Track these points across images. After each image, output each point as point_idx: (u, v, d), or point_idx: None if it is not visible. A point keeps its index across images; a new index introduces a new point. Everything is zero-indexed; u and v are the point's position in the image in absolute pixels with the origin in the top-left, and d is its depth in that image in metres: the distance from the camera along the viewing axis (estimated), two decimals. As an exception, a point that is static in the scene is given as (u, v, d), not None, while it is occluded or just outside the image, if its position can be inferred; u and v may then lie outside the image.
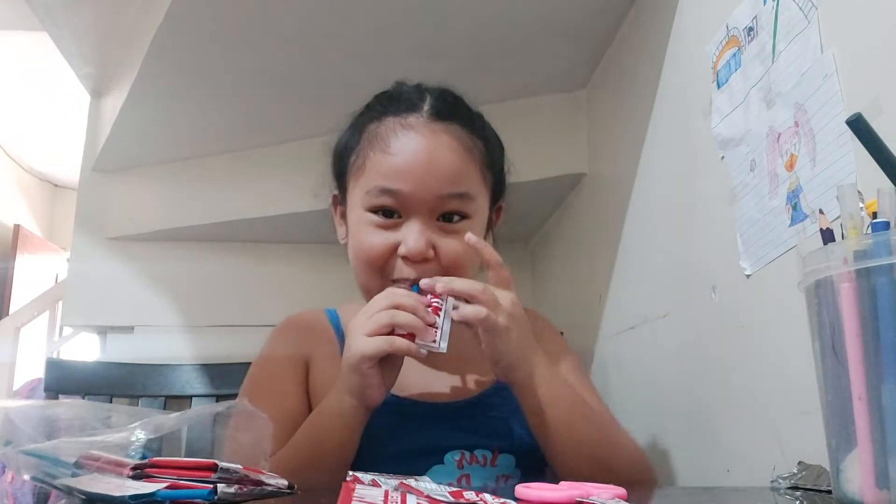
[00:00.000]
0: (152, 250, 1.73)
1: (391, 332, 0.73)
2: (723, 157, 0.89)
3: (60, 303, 3.52)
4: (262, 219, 1.66)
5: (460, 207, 0.85)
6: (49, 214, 5.35)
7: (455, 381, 0.89)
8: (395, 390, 0.80)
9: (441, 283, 0.76)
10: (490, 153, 0.91)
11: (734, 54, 0.87)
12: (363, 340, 0.72)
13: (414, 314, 0.73)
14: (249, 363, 1.60)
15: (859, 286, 0.44)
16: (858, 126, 0.46)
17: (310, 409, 0.88)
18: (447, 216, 0.85)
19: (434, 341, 0.73)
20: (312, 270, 1.78)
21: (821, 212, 0.53)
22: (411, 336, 0.73)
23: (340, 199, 0.95)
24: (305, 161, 1.65)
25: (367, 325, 0.73)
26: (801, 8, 0.73)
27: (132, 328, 1.72)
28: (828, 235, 0.48)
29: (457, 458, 0.85)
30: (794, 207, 0.74)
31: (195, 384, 1.59)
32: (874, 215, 0.46)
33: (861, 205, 0.46)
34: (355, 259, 0.88)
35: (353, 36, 1.31)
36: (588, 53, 1.40)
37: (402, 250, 0.83)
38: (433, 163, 0.84)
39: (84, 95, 1.79)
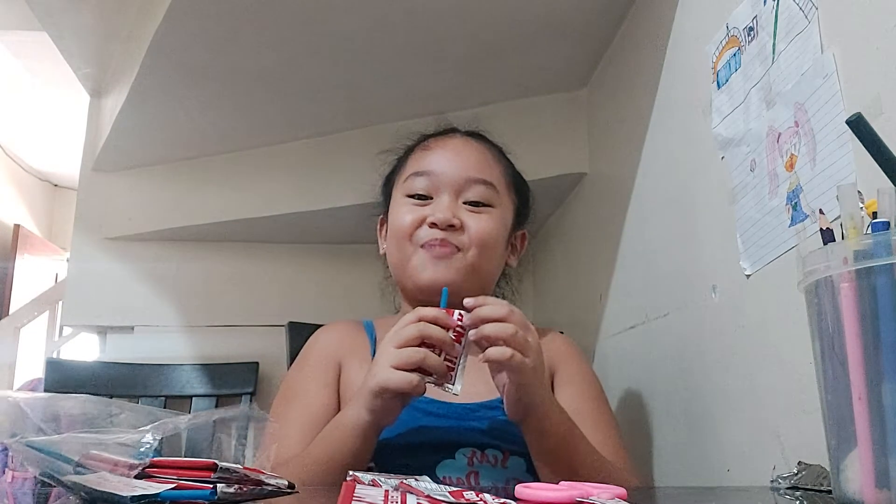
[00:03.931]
0: (152, 250, 1.73)
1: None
2: (723, 157, 0.89)
3: (60, 303, 3.51)
4: (262, 219, 1.66)
5: (484, 194, 0.96)
6: (49, 214, 5.35)
7: (472, 383, 0.90)
8: None
9: (473, 318, 0.75)
10: (515, 177, 1.03)
11: (734, 54, 0.87)
12: (389, 372, 0.74)
13: (441, 346, 0.75)
14: (249, 363, 1.62)
15: (859, 286, 0.44)
16: (858, 126, 0.46)
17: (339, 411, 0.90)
18: (474, 203, 0.95)
19: (452, 382, 0.75)
20: (312, 270, 1.79)
21: (821, 212, 0.53)
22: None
23: (385, 217, 1.04)
24: (305, 161, 1.67)
25: (396, 358, 0.74)
26: (801, 8, 0.73)
27: (132, 328, 1.72)
28: (828, 235, 0.48)
29: (468, 454, 0.87)
30: (794, 207, 0.74)
31: (195, 384, 1.60)
32: (874, 215, 0.46)
33: (861, 205, 0.46)
34: (390, 237, 0.98)
35: (352, 36, 1.31)
36: (588, 53, 1.40)
37: (429, 218, 0.93)
38: (462, 153, 0.98)
39: (84, 95, 1.79)
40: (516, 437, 0.83)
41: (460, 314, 0.76)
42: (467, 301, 0.76)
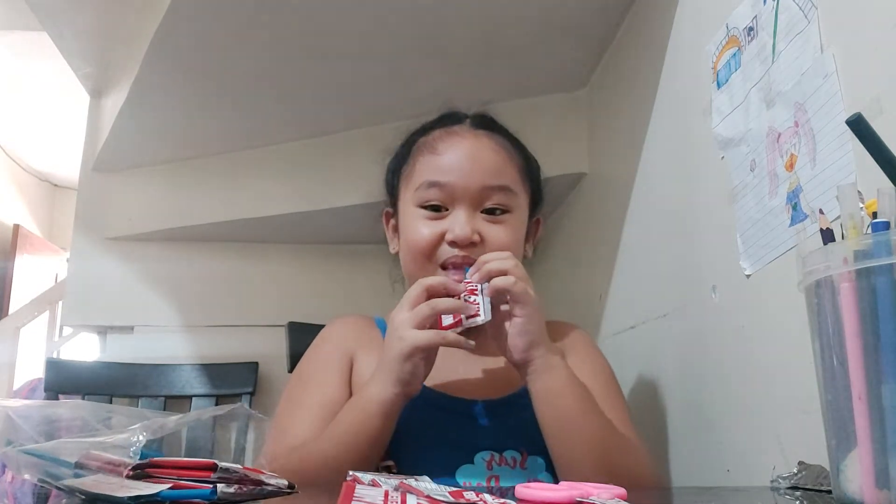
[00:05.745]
0: (152, 250, 1.73)
1: (434, 324, 0.78)
2: (723, 157, 0.89)
3: (60, 303, 3.51)
4: (262, 219, 1.66)
5: (503, 200, 0.92)
6: (49, 214, 5.35)
7: (487, 380, 0.90)
8: (428, 383, 0.83)
9: (476, 265, 0.81)
10: (528, 165, 0.99)
11: (734, 54, 0.87)
12: (414, 333, 0.77)
13: (446, 292, 0.79)
14: (249, 363, 1.62)
15: (859, 286, 0.44)
16: (858, 126, 0.46)
17: None
18: (490, 210, 0.91)
19: (477, 314, 0.78)
20: (312, 270, 1.79)
21: (821, 212, 0.53)
22: (457, 324, 0.78)
23: (392, 212, 1.01)
24: (305, 161, 1.67)
25: (412, 320, 0.77)
26: (801, 8, 0.73)
27: (132, 328, 1.72)
28: (828, 235, 0.48)
29: (486, 458, 0.85)
30: (794, 207, 0.74)
31: (195, 384, 1.60)
32: (874, 215, 0.45)
33: (861, 205, 0.46)
34: (406, 250, 0.94)
35: (353, 36, 1.31)
36: (588, 53, 1.40)
37: (449, 236, 0.89)
38: (476, 158, 0.92)
39: (84, 95, 1.79)
40: (534, 434, 0.82)
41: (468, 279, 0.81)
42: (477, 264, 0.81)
